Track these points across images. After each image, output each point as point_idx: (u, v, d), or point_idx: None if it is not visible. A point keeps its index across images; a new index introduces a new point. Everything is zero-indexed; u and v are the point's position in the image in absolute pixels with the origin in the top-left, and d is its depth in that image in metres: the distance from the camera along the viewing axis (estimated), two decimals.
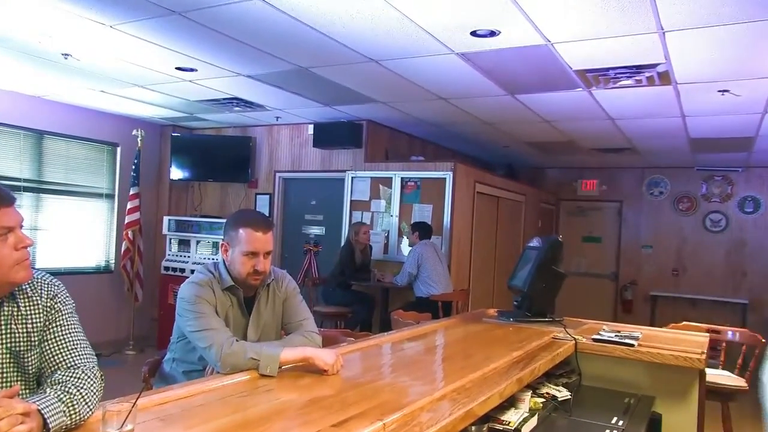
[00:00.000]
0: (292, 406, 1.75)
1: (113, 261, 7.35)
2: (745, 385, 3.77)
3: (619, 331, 3.20)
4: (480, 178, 7.10)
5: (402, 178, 6.66)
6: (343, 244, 6.61)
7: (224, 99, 6.08)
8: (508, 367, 2.34)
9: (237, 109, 6.56)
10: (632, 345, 2.88)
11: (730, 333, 4.07)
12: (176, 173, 7.72)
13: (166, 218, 7.41)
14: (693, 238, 9.01)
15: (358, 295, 6.39)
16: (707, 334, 3.45)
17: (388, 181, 6.75)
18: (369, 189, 6.85)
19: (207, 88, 5.59)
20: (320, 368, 2.07)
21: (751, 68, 4.16)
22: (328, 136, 6.96)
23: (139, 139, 7.12)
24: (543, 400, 2.49)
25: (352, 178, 6.94)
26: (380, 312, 6.38)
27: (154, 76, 5.25)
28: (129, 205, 7.04)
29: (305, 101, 6.04)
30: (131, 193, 7.06)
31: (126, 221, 7.02)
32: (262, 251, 2.33)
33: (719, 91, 4.76)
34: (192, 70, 4.95)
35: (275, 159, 7.59)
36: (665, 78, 4.49)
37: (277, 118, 7.04)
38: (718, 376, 3.83)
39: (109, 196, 7.36)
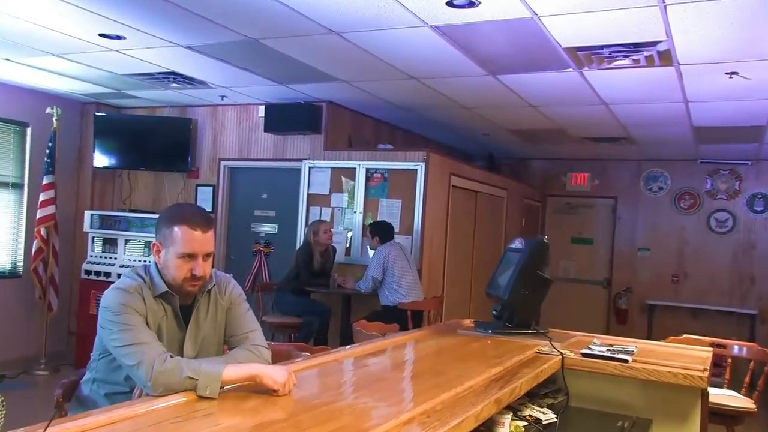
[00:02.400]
0: None
1: (21, 264, 7.18)
2: (754, 406, 3.86)
3: (611, 345, 3.26)
4: (456, 170, 7.14)
5: (367, 168, 6.66)
6: (300, 244, 6.59)
7: (159, 73, 5.99)
8: (485, 385, 2.35)
9: (174, 85, 6.48)
10: (626, 361, 2.93)
11: (736, 347, 4.16)
12: (100, 160, 7.59)
13: (87, 213, 7.27)
14: (696, 240, 9.22)
15: (312, 304, 6.37)
16: (711, 349, 3.52)
17: (351, 173, 6.74)
18: (329, 181, 6.83)
19: (138, 59, 5.50)
20: (269, 388, 2.05)
21: (763, 48, 4.26)
22: (281, 119, 6.92)
23: (54, 118, 6.96)
24: (525, 423, 2.52)
25: (309, 168, 6.91)
26: (341, 322, 6.37)
27: (73, 44, 5.13)
28: (42, 197, 6.88)
29: (255, 78, 5.99)
30: (44, 182, 6.90)
31: (38, 216, 6.86)
32: (201, 253, 2.30)
33: (727, 73, 4.87)
34: (119, 37, 4.87)
35: (219, 145, 7.52)
36: (666, 58, 4.57)
37: (222, 97, 6.97)
38: (722, 396, 3.92)
39: (17, 186, 7.18)
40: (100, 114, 7.62)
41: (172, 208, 2.48)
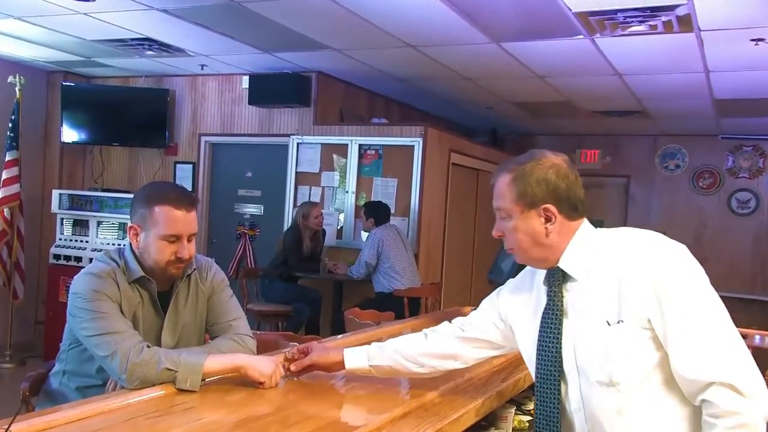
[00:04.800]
0: (218, 428, 1.75)
1: None
2: None
3: None
4: (456, 147, 7.13)
5: (360, 145, 6.65)
6: (288, 226, 6.59)
7: (132, 40, 5.95)
8: (486, 377, 2.37)
9: (149, 53, 6.43)
10: None
11: (758, 337, 4.18)
12: (69, 134, 7.55)
13: (56, 192, 7.24)
14: (715, 222, 9.25)
15: (302, 291, 6.39)
16: None
17: (342, 149, 6.73)
18: (319, 158, 6.82)
19: (109, 24, 5.46)
20: (255, 380, 2.06)
21: None
22: (267, 90, 6.88)
23: (17, 88, 6.90)
24: (530, 417, 2.54)
25: (297, 144, 6.89)
26: (332, 310, 6.40)
27: (37, 5, 5.08)
28: (4, 175, 6.84)
29: (238, 46, 5.96)
30: (7, 159, 6.85)
31: (0, 196, 6.84)
32: (186, 234, 2.30)
33: (752, 40, 4.86)
34: None
35: (200, 119, 7.49)
36: (686, 23, 4.56)
37: (203, 66, 6.93)
38: None
39: None
40: (68, 84, 7.56)
41: (151, 187, 2.47)
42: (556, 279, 1.84)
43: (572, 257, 1.81)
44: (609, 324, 1.69)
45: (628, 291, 1.68)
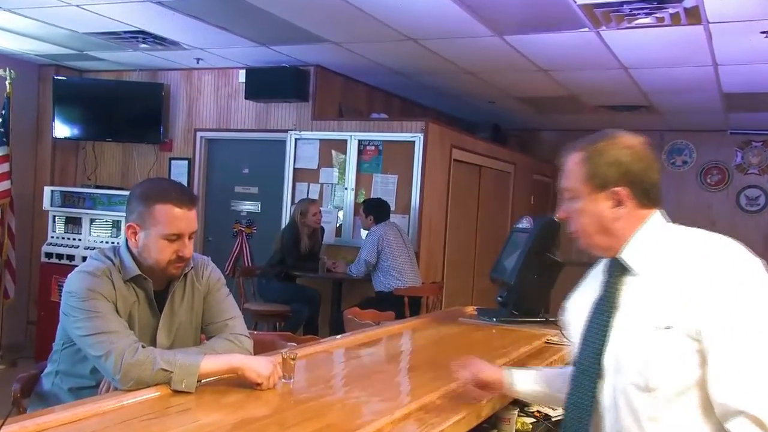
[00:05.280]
0: (215, 430, 1.75)
1: None
2: None
3: None
4: (458, 142, 7.13)
5: (359, 140, 6.64)
6: (285, 224, 6.59)
7: (125, 32, 5.94)
8: None
9: (143, 46, 6.43)
10: None
11: None
12: (61, 130, 7.54)
13: (47, 189, 7.24)
14: (724, 220, 9.24)
15: (300, 290, 6.39)
16: None
17: (341, 145, 6.72)
18: (317, 154, 6.81)
19: (101, 16, 5.45)
20: (252, 381, 2.07)
21: None
22: (264, 85, 6.88)
23: (7, 81, 6.89)
24: (533, 419, 2.55)
25: (295, 140, 6.89)
26: (331, 310, 6.40)
27: None
28: None
29: (234, 39, 5.95)
30: None
31: None
32: (187, 232, 2.31)
33: (762, 32, 4.85)
34: None
35: (195, 114, 7.48)
36: (694, 15, 4.56)
37: (198, 60, 6.93)
38: None
39: None
40: (59, 78, 7.56)
41: (150, 184, 2.47)
42: (616, 270, 1.77)
43: (636, 249, 1.73)
44: (656, 327, 1.63)
45: (687, 297, 1.61)
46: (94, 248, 6.55)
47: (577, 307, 1.90)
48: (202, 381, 2.06)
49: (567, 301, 1.99)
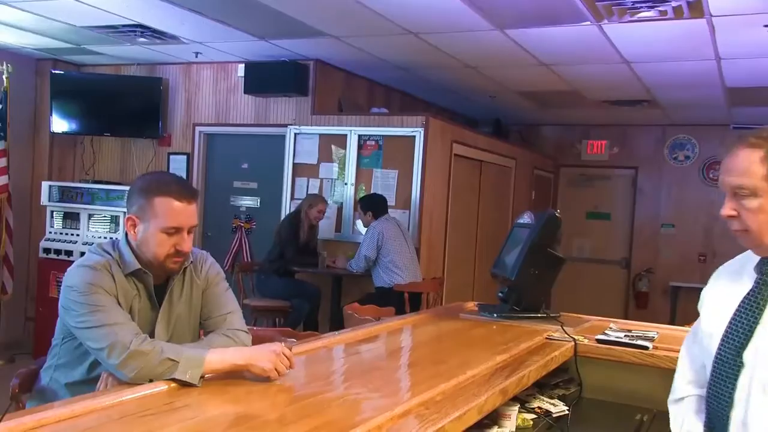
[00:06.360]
0: (214, 426, 1.75)
1: None
2: None
3: (629, 331, 3.28)
4: (459, 137, 7.13)
5: (359, 135, 6.65)
6: (286, 215, 6.58)
7: (123, 26, 5.94)
8: (489, 374, 2.37)
9: (142, 40, 6.43)
10: (646, 348, 2.96)
11: None
12: (59, 124, 7.55)
13: (45, 184, 7.25)
14: None
15: (300, 286, 6.40)
16: None
17: (341, 140, 6.73)
18: (317, 149, 6.82)
19: (99, 9, 5.45)
20: (261, 376, 2.06)
21: None
22: (264, 79, 6.89)
23: (4, 76, 6.90)
24: (534, 415, 2.55)
25: (295, 134, 6.89)
26: (331, 306, 6.41)
27: None
28: None
29: (233, 33, 5.95)
30: None
31: None
32: (187, 226, 2.32)
33: (765, 26, 4.85)
34: None
35: (194, 108, 7.49)
36: (696, 8, 4.55)
37: (197, 54, 6.93)
38: None
39: None
40: (57, 72, 7.56)
41: (151, 177, 2.47)
42: None
43: None
44: None
45: None
46: (93, 243, 6.55)
47: (718, 301, 1.91)
48: (205, 376, 2.05)
49: (704, 292, 2.01)
